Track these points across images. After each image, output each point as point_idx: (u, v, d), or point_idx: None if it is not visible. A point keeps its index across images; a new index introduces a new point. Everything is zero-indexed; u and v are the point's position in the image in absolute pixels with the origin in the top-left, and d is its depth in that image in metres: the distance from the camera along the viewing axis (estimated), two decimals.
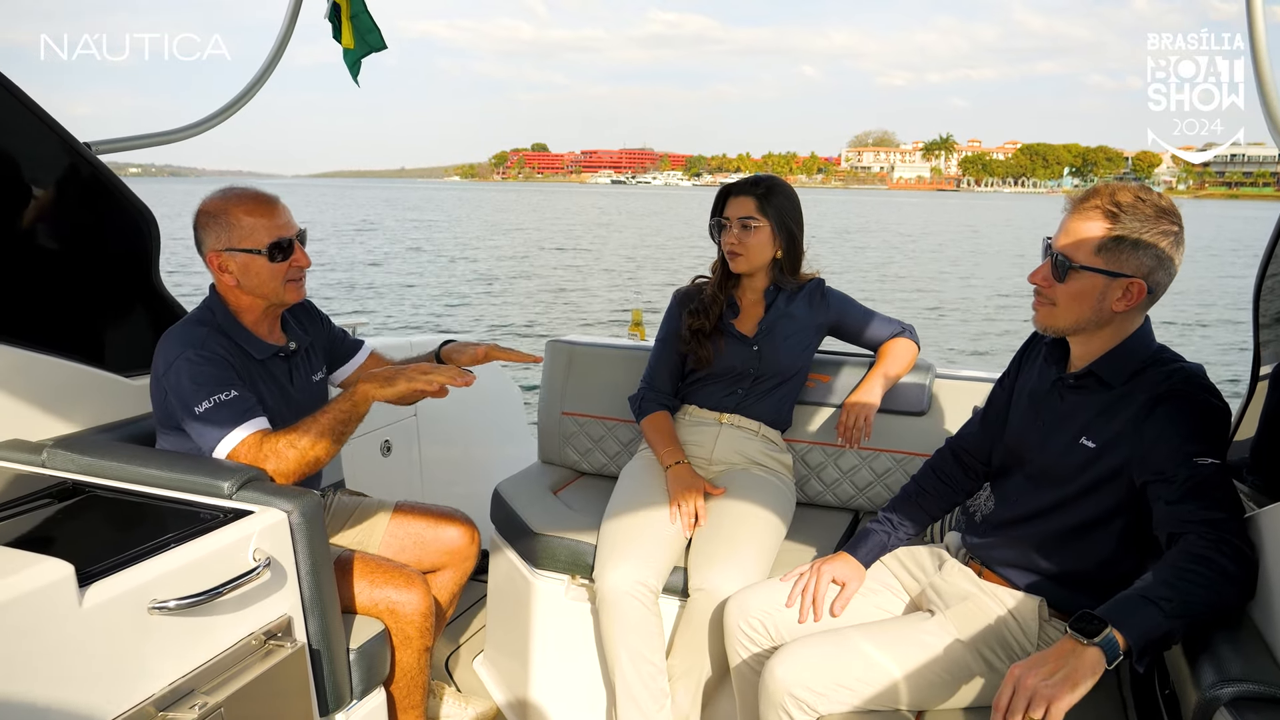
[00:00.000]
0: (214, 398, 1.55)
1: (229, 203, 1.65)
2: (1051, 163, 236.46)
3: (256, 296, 1.69)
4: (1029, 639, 1.42)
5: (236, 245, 1.63)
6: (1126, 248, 1.31)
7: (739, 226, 2.08)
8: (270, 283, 1.67)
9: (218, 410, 1.55)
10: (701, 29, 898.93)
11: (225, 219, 1.64)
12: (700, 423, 2.19)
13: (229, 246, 1.64)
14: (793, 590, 1.63)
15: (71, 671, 1.09)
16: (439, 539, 1.96)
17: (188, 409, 1.56)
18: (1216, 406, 1.32)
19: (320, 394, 1.89)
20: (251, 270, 1.65)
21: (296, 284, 1.71)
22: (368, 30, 2.55)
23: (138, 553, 1.22)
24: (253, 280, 1.66)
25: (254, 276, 1.66)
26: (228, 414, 1.56)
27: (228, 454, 1.54)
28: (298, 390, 1.79)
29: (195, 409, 1.55)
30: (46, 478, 1.52)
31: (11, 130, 1.67)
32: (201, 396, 1.55)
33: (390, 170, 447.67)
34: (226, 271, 1.66)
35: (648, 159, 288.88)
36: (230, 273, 1.65)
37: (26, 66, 1.65)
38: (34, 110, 1.68)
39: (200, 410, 1.54)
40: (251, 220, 1.64)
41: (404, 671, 1.74)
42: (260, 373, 1.71)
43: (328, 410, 1.62)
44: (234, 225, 1.64)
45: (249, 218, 1.64)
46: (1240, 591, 1.16)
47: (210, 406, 1.55)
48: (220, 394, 1.56)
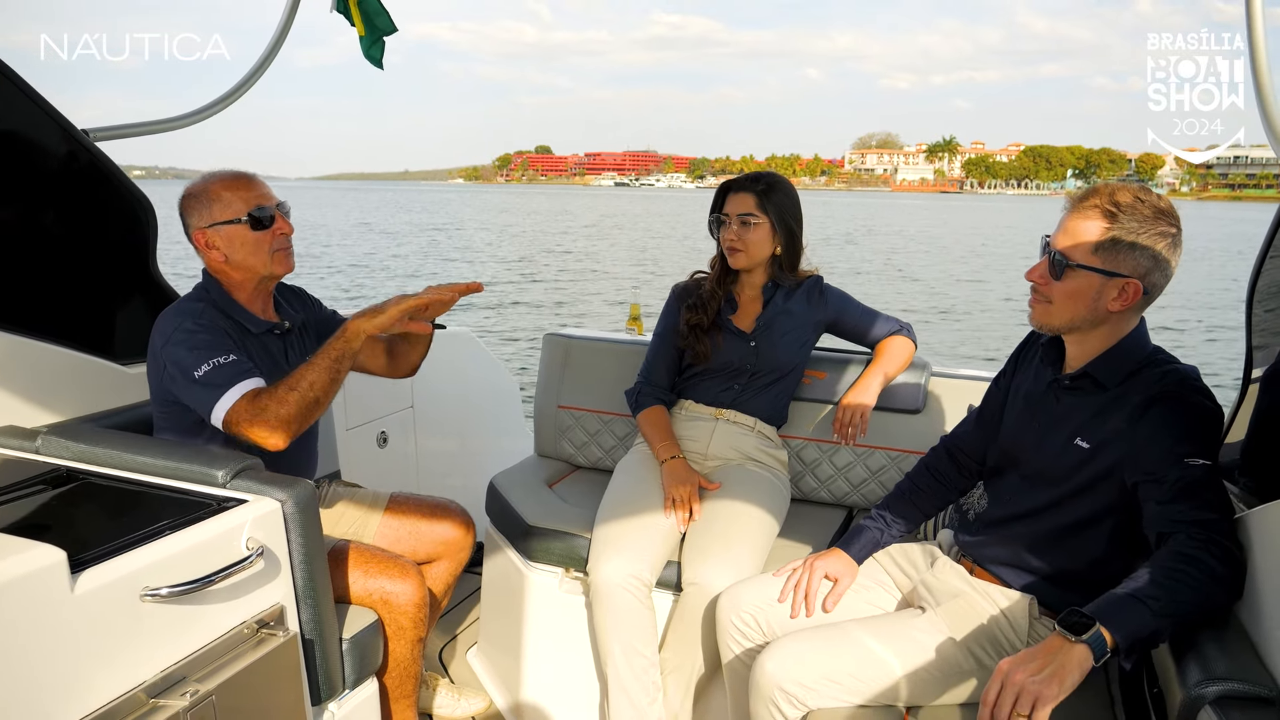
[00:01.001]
0: (212, 361, 1.58)
1: (208, 183, 1.70)
2: (1055, 165, 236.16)
3: (245, 270, 1.71)
4: (1019, 637, 1.43)
5: (219, 219, 1.67)
6: (1123, 248, 1.31)
7: (738, 223, 2.08)
8: (257, 253, 1.69)
9: (216, 372, 1.57)
10: (705, 31, 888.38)
11: (205, 197, 1.68)
12: (696, 418, 2.19)
13: (212, 222, 1.67)
14: (785, 585, 1.63)
15: (63, 658, 1.09)
16: (434, 530, 1.96)
17: (187, 375, 1.58)
18: (1209, 408, 1.32)
19: None
20: (236, 241, 1.68)
21: (284, 253, 1.73)
22: (376, 14, 2.54)
23: (130, 540, 1.22)
24: (239, 252, 1.68)
25: (240, 248, 1.68)
26: (225, 375, 1.58)
27: (227, 411, 1.55)
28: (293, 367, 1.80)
29: (195, 373, 1.57)
30: (40, 464, 1.52)
31: (9, 117, 1.67)
32: (200, 360, 1.58)
33: (394, 173, 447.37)
34: (213, 248, 1.69)
35: (651, 161, 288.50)
36: (217, 248, 1.69)
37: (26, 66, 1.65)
38: (32, 97, 1.68)
39: (199, 374, 1.57)
40: (230, 194, 1.68)
41: (397, 662, 1.75)
42: (256, 347, 1.73)
43: (321, 352, 1.63)
44: (214, 200, 1.68)
45: (227, 192, 1.68)
46: (1228, 592, 1.17)
47: (209, 369, 1.57)
48: (218, 357, 1.58)
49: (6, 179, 1.71)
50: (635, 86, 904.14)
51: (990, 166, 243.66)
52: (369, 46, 2.56)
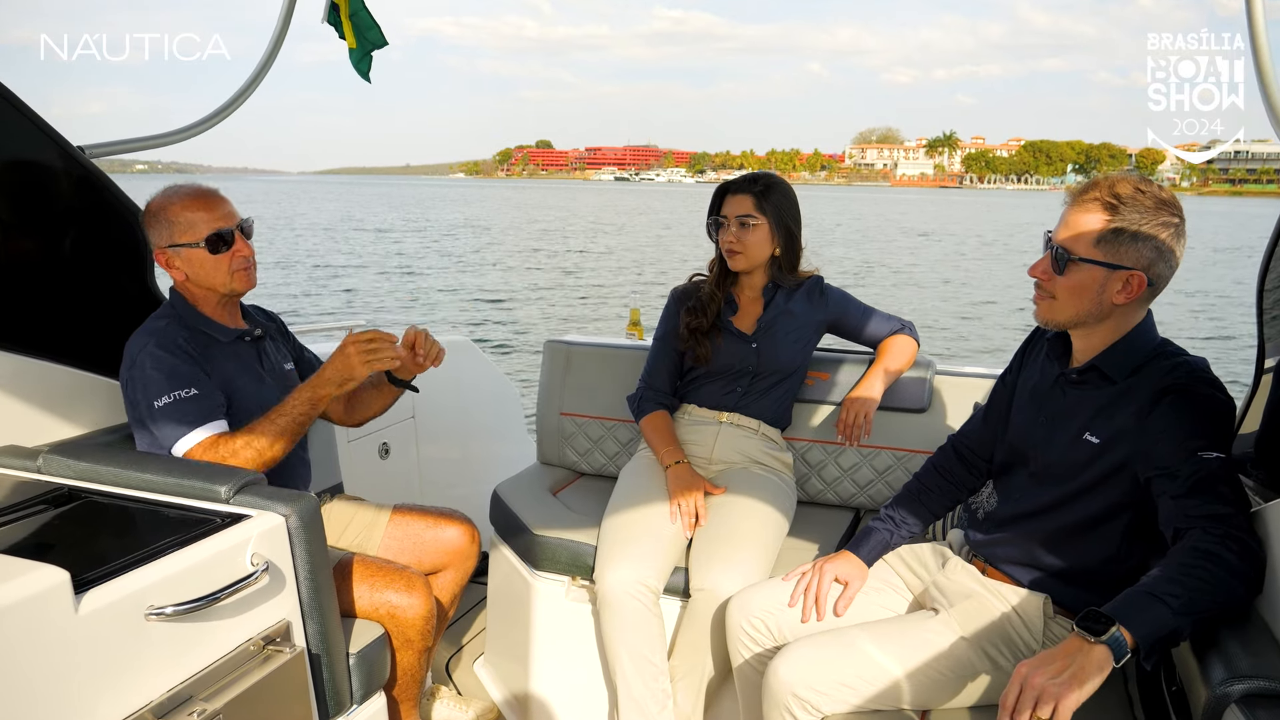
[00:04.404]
0: (174, 394, 1.59)
1: (168, 200, 1.70)
2: (1055, 160, 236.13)
3: (207, 289, 1.72)
4: (1034, 637, 1.41)
5: (177, 240, 1.68)
6: (1126, 240, 1.30)
7: (737, 224, 2.07)
8: (216, 274, 1.70)
9: (177, 407, 1.58)
10: (707, 26, 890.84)
11: (165, 216, 1.68)
12: (700, 422, 2.18)
13: (171, 243, 1.68)
14: (795, 590, 1.61)
15: (68, 679, 1.08)
16: (439, 539, 1.95)
17: (149, 404, 1.60)
18: (1221, 400, 1.31)
19: (292, 384, 1.89)
20: (195, 263, 1.69)
21: (245, 273, 1.74)
22: (367, 28, 2.55)
23: (134, 559, 1.21)
24: (199, 272, 1.70)
25: (199, 269, 1.69)
26: (186, 413, 1.59)
27: (184, 453, 1.58)
28: (269, 373, 1.82)
29: (155, 404, 1.59)
30: (42, 484, 1.51)
31: (4, 136, 1.66)
32: (162, 392, 1.59)
33: (395, 167, 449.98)
34: (174, 267, 1.70)
35: (652, 156, 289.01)
36: (177, 268, 1.70)
37: (25, 67, 1.65)
38: (28, 115, 1.67)
39: (159, 405, 1.58)
40: (189, 215, 1.68)
41: (403, 672, 1.74)
42: (228, 354, 1.74)
43: (285, 410, 1.64)
44: (174, 222, 1.68)
45: (187, 213, 1.68)
46: (1248, 587, 1.15)
47: (169, 403, 1.58)
48: (180, 390, 1.59)
49: (4, 199, 1.70)
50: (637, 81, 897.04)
51: (990, 161, 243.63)
52: (359, 60, 2.57)
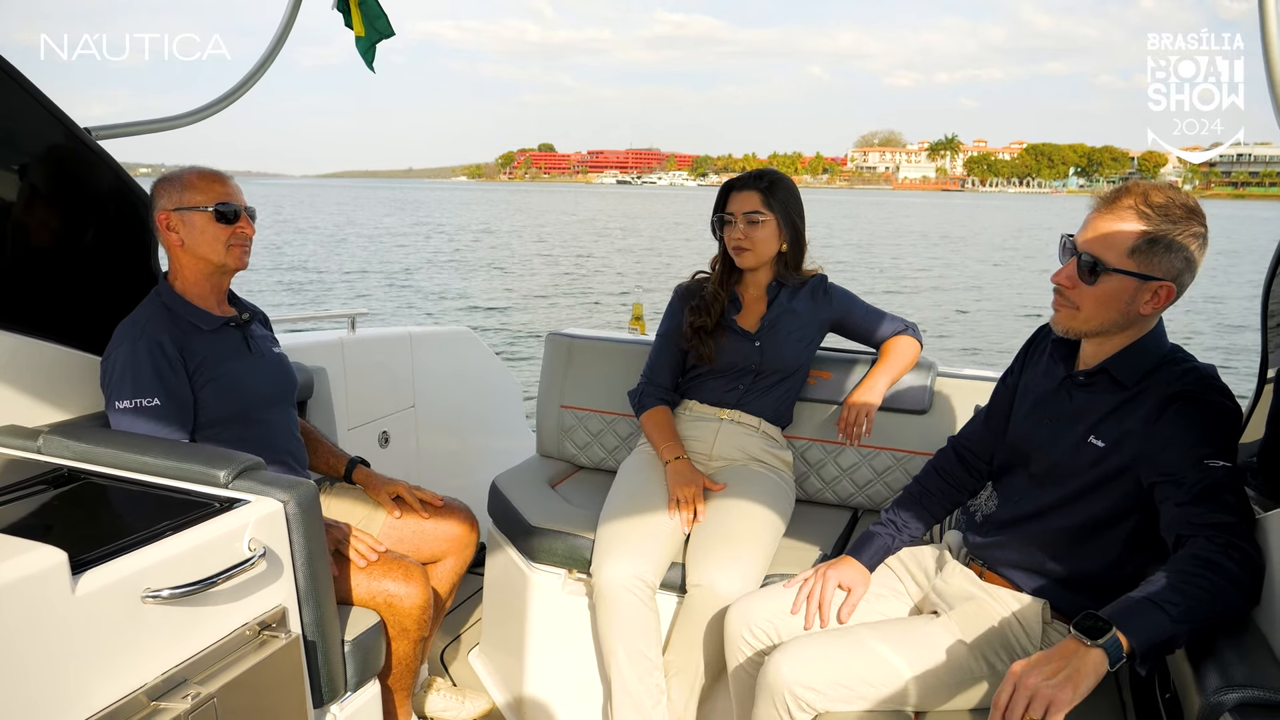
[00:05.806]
0: (136, 400, 1.61)
1: (185, 172, 1.75)
2: (1057, 163, 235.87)
3: (199, 260, 1.73)
4: (1032, 641, 1.41)
5: (186, 203, 1.71)
6: (1160, 250, 1.27)
7: (745, 221, 2.06)
8: (214, 244, 1.71)
9: (135, 414, 1.60)
10: (708, 30, 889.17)
11: (179, 182, 1.72)
12: (700, 418, 2.17)
13: (178, 205, 1.71)
14: (798, 596, 1.60)
15: (63, 659, 1.07)
16: (438, 528, 1.95)
17: (110, 403, 1.63)
18: (1229, 408, 1.30)
19: (282, 365, 1.90)
20: (197, 228, 1.70)
21: (240, 249, 1.75)
22: (375, 16, 2.55)
23: (132, 541, 1.21)
24: (198, 240, 1.71)
25: (199, 235, 1.71)
26: (143, 422, 1.60)
27: None
28: (257, 355, 1.82)
29: (116, 404, 1.61)
30: (42, 464, 1.51)
31: (10, 115, 1.65)
32: (125, 394, 1.61)
33: (398, 170, 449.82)
34: (173, 230, 1.71)
35: (654, 159, 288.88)
36: (176, 231, 1.71)
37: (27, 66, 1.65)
38: (34, 95, 1.66)
39: (120, 406, 1.61)
40: (203, 183, 1.73)
41: (398, 661, 1.74)
42: (214, 341, 1.74)
43: None
44: (186, 187, 1.72)
45: (202, 182, 1.73)
46: (1248, 597, 1.15)
47: (129, 407, 1.60)
48: (143, 398, 1.61)
49: (7, 177, 1.70)
50: (638, 85, 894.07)
51: (992, 164, 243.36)
52: (365, 49, 2.57)
